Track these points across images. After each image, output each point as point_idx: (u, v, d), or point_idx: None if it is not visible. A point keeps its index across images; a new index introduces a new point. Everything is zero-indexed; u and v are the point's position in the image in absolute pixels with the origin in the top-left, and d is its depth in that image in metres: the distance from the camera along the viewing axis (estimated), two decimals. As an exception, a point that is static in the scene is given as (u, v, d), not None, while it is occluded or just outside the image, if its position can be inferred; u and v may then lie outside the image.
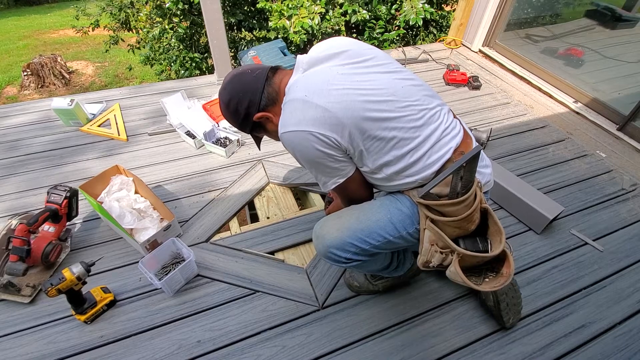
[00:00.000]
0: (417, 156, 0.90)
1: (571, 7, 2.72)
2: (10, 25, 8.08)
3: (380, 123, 0.86)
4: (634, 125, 2.05)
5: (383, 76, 0.91)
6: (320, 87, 0.86)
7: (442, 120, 0.94)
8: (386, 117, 0.87)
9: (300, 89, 0.89)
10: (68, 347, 1.18)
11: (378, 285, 1.32)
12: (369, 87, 0.88)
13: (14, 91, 5.24)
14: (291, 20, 2.85)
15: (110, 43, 3.89)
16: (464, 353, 1.21)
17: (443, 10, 3.76)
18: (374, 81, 0.89)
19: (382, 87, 0.89)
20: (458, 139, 0.94)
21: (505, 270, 0.88)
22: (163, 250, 1.35)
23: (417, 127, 0.89)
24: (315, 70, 0.93)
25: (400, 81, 0.92)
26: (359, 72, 0.90)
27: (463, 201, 0.84)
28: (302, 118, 0.85)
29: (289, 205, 1.71)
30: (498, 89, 2.59)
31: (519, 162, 1.98)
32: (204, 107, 2.10)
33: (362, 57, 0.93)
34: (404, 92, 0.90)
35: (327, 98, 0.84)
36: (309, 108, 0.85)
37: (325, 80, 0.88)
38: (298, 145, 0.88)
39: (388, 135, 0.87)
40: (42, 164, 1.86)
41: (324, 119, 0.84)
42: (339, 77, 0.88)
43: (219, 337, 1.22)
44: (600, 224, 1.65)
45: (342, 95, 0.85)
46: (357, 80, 0.88)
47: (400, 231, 0.96)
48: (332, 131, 0.85)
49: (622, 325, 1.30)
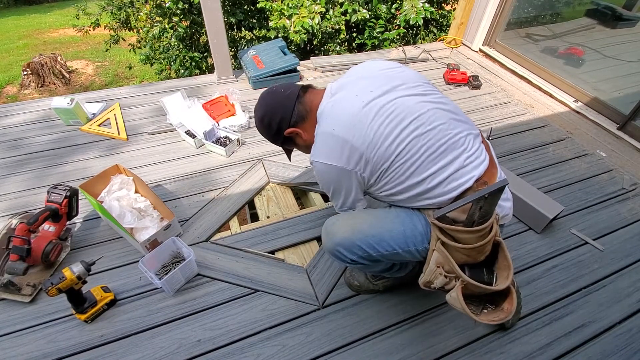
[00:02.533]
0: (437, 181, 0.91)
1: (571, 7, 2.72)
2: (10, 24, 8.08)
3: (402, 152, 0.90)
4: (634, 124, 2.05)
5: (409, 100, 0.93)
6: (347, 121, 0.92)
7: (467, 147, 0.94)
8: (409, 141, 0.89)
9: (330, 121, 0.95)
10: (68, 347, 1.19)
11: (378, 285, 1.32)
12: (393, 115, 0.90)
13: (14, 90, 5.24)
14: (291, 19, 2.84)
15: (111, 42, 3.88)
16: (464, 352, 1.21)
17: (443, 9, 3.75)
18: (399, 107, 0.91)
19: (405, 112, 0.91)
20: (482, 168, 0.93)
21: (506, 306, 0.87)
22: (163, 249, 1.35)
23: (440, 153, 0.91)
24: (341, 96, 0.97)
25: (426, 104, 0.93)
26: (383, 105, 0.92)
27: (478, 231, 0.84)
28: (330, 152, 0.93)
29: (289, 204, 1.71)
30: (498, 88, 2.59)
31: (519, 161, 1.98)
32: (204, 107, 2.10)
33: (390, 83, 0.95)
34: (428, 116, 0.92)
35: (353, 134, 0.90)
36: (336, 143, 0.92)
37: (351, 113, 0.92)
38: (325, 174, 0.97)
39: (409, 162, 0.90)
40: (42, 164, 1.86)
41: (350, 155, 0.91)
42: (364, 111, 0.91)
43: (219, 337, 1.23)
44: (601, 224, 1.65)
45: (365, 128, 0.90)
46: (380, 113, 0.91)
47: (410, 246, 0.98)
48: (358, 165, 0.92)
49: (622, 324, 1.30)
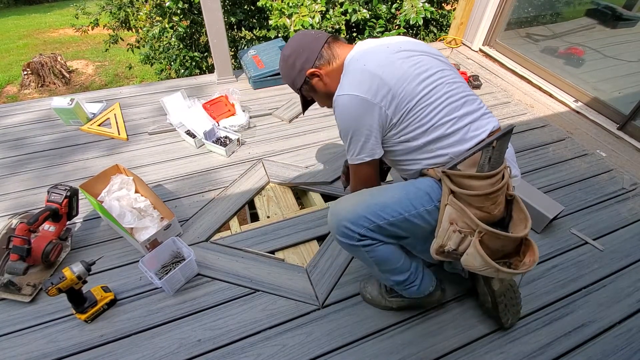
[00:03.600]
0: (455, 128, 0.95)
1: (571, 6, 2.72)
2: (10, 24, 8.08)
3: (429, 93, 0.94)
4: (635, 124, 2.05)
5: (433, 60, 1.00)
6: (378, 59, 0.96)
7: (482, 107, 1.03)
8: (434, 86, 0.95)
9: (361, 60, 0.97)
10: (68, 346, 1.19)
11: (392, 302, 1.27)
12: (421, 64, 0.97)
13: (14, 90, 5.24)
14: (291, 19, 2.84)
15: (110, 42, 3.88)
16: (464, 352, 1.21)
17: (443, 9, 3.75)
18: (424, 60, 0.99)
19: (430, 65, 0.98)
20: (494, 123, 1.00)
21: (528, 260, 0.83)
22: (163, 249, 1.35)
23: (461, 103, 0.97)
24: (373, 46, 1.01)
25: (446, 65, 1.03)
26: (410, 56, 0.98)
27: (490, 177, 0.84)
28: (358, 84, 0.93)
29: (289, 204, 1.71)
30: (498, 88, 2.59)
31: (519, 161, 1.97)
32: (204, 107, 2.09)
33: (416, 48, 1.02)
34: (449, 73, 1.01)
35: (383, 68, 0.93)
36: (366, 77, 0.93)
37: (383, 55, 0.97)
38: (348, 109, 0.94)
39: (434, 104, 0.95)
40: (42, 163, 1.86)
41: (376, 86, 0.92)
42: (395, 55, 0.97)
43: (219, 336, 1.23)
44: (601, 224, 1.65)
45: (395, 67, 0.94)
46: (409, 60, 0.97)
47: (418, 208, 0.94)
48: (383, 98, 0.92)
49: (622, 324, 1.30)
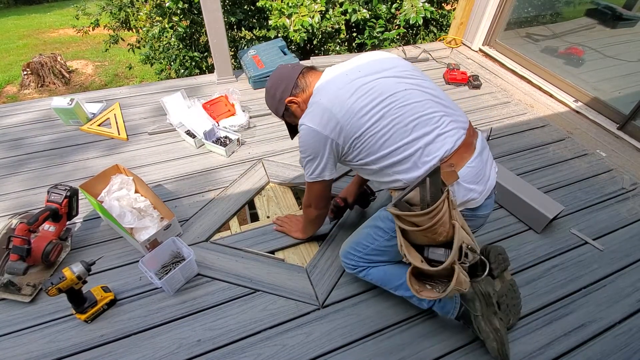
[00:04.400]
0: (408, 153, 0.98)
1: (571, 6, 2.72)
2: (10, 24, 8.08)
3: (375, 124, 0.98)
4: (635, 124, 2.05)
5: (390, 80, 1.02)
6: (331, 93, 1.03)
7: (439, 126, 0.99)
8: (382, 114, 0.98)
9: (319, 93, 1.07)
10: (68, 346, 1.19)
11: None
12: (371, 92, 1.00)
13: (14, 90, 5.24)
14: (291, 18, 2.84)
15: (110, 42, 3.88)
16: (464, 352, 1.21)
17: (443, 9, 3.75)
18: (378, 85, 1.01)
19: (382, 89, 1.00)
20: (448, 147, 0.97)
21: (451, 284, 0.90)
22: (163, 249, 1.35)
23: (411, 127, 0.98)
24: (334, 74, 1.08)
25: (405, 84, 1.01)
26: (365, 83, 1.01)
27: (427, 213, 0.90)
28: (315, 116, 1.03)
29: (289, 204, 1.71)
30: (498, 88, 2.59)
31: (519, 161, 1.98)
32: (204, 107, 2.09)
33: (380, 67, 1.05)
34: (404, 94, 1.00)
35: (334, 103, 1.01)
36: (321, 110, 1.03)
37: (337, 87, 1.04)
38: (307, 137, 1.06)
39: (380, 133, 0.98)
40: (42, 163, 1.86)
41: (329, 121, 1.01)
42: (348, 85, 1.02)
43: (219, 336, 1.23)
44: (601, 223, 1.65)
45: (345, 100, 1.00)
46: (361, 89, 1.00)
47: (379, 240, 1.15)
48: (334, 132, 1.02)
49: (622, 324, 1.30)
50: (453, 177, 0.96)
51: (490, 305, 1.16)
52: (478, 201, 1.02)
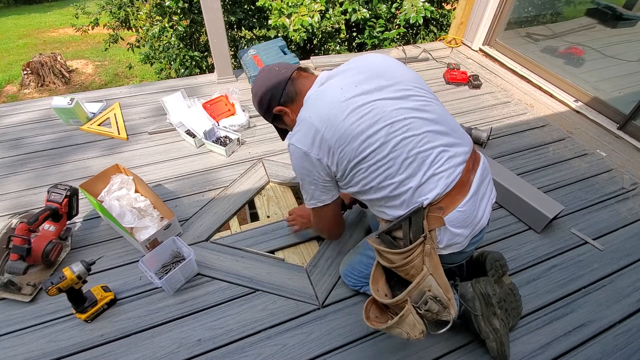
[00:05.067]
0: (399, 192, 0.92)
1: (572, 6, 2.72)
2: (10, 24, 8.08)
3: (369, 156, 0.91)
4: (635, 124, 2.05)
5: (388, 103, 0.92)
6: (323, 112, 0.94)
7: (434, 164, 0.91)
8: (377, 146, 0.90)
9: (310, 108, 0.98)
10: (69, 346, 1.19)
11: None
12: (368, 117, 0.90)
13: (14, 90, 5.24)
14: (291, 18, 2.84)
15: (110, 42, 3.88)
16: (464, 352, 1.21)
17: (443, 8, 3.75)
18: (375, 109, 0.91)
19: (380, 116, 0.90)
20: (439, 190, 0.91)
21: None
22: (163, 249, 1.35)
23: (404, 167, 0.91)
24: (328, 85, 0.99)
25: (404, 111, 0.92)
26: (362, 104, 0.91)
27: (401, 253, 0.92)
28: (304, 137, 0.95)
29: (289, 204, 1.71)
30: (498, 88, 2.59)
31: (519, 161, 1.98)
32: (204, 106, 2.09)
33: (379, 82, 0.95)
34: (401, 125, 0.91)
35: (326, 125, 0.92)
36: (310, 130, 0.94)
37: (330, 105, 0.93)
38: (297, 159, 0.99)
39: (373, 166, 0.92)
40: (42, 163, 1.86)
41: (319, 143, 0.94)
42: (342, 105, 0.92)
43: (219, 336, 1.23)
44: (600, 223, 1.65)
45: (338, 125, 0.91)
46: (358, 110, 0.91)
47: (369, 266, 1.14)
48: (325, 155, 0.95)
49: (621, 324, 1.30)
50: (438, 222, 0.92)
51: (490, 305, 1.16)
52: (462, 245, 0.98)
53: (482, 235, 1.04)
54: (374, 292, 0.97)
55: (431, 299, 0.91)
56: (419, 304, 0.91)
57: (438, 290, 0.93)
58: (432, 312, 0.91)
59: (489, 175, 1.04)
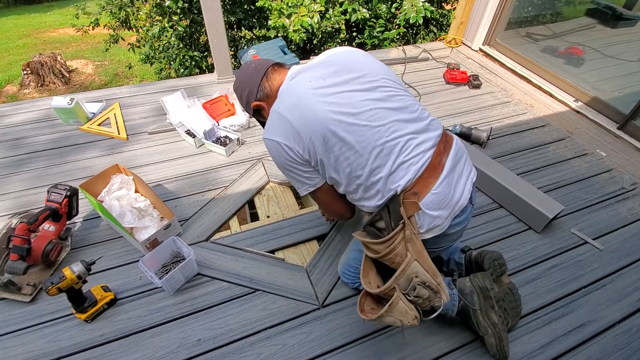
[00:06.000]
0: (370, 182, 0.95)
1: (572, 6, 2.72)
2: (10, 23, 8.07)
3: (333, 144, 0.93)
4: (635, 124, 2.05)
5: (355, 95, 0.95)
6: (291, 102, 0.98)
7: (403, 152, 0.93)
8: (341, 137, 0.92)
9: (279, 101, 1.02)
10: (69, 346, 1.19)
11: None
12: (334, 106, 0.93)
13: (14, 90, 5.24)
14: (291, 18, 2.84)
15: (110, 42, 3.88)
16: (464, 351, 1.21)
17: (443, 8, 3.75)
18: (342, 99, 0.94)
19: (346, 106, 0.93)
20: (410, 176, 0.93)
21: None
22: (163, 249, 1.35)
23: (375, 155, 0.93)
24: (298, 79, 1.02)
25: (370, 102, 0.95)
26: (330, 92, 0.95)
27: (383, 242, 0.93)
28: (274, 128, 0.99)
29: (289, 204, 1.71)
30: (498, 88, 2.59)
31: (519, 161, 1.98)
32: (204, 106, 2.09)
33: (347, 75, 0.97)
34: (368, 115, 0.93)
35: (294, 113, 0.95)
36: (279, 120, 0.98)
37: (298, 95, 0.97)
38: (272, 150, 1.02)
39: (339, 157, 0.94)
40: (42, 163, 1.86)
41: (288, 132, 0.96)
42: (310, 94, 0.95)
43: (219, 336, 1.23)
44: (600, 223, 1.65)
45: (306, 112, 0.94)
46: (325, 99, 0.94)
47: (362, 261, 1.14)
48: (295, 142, 0.96)
49: (621, 324, 1.30)
50: (414, 207, 0.93)
51: (488, 298, 1.16)
52: (443, 227, 0.98)
53: (467, 216, 1.04)
54: (365, 284, 0.99)
55: (419, 285, 0.92)
56: (407, 291, 0.92)
57: (425, 275, 0.93)
58: (423, 298, 0.92)
59: (464, 155, 1.05)
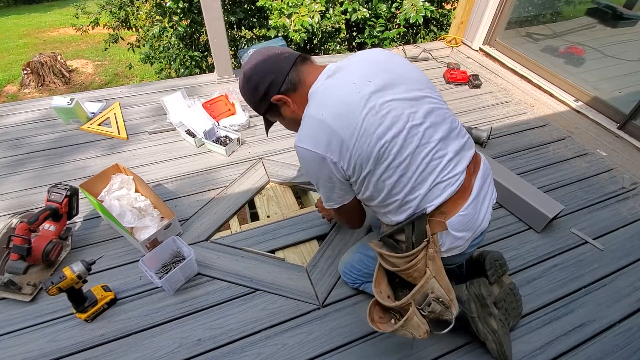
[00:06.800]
0: (407, 199, 0.91)
1: (572, 5, 2.71)
2: (10, 23, 8.08)
3: (384, 160, 0.86)
4: (635, 123, 2.05)
5: (403, 105, 0.87)
6: (337, 110, 0.86)
7: (442, 172, 0.90)
8: (390, 154, 0.86)
9: (320, 105, 0.88)
10: (69, 346, 1.19)
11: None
12: (388, 118, 0.85)
13: (14, 90, 5.24)
14: (291, 18, 2.84)
15: (110, 41, 3.89)
16: (464, 352, 1.21)
17: (443, 8, 3.75)
18: (394, 110, 0.86)
19: (398, 119, 0.85)
20: (444, 197, 0.90)
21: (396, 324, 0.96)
22: (163, 248, 1.35)
23: (418, 174, 0.88)
24: (337, 79, 0.90)
25: (421, 116, 0.88)
26: (379, 99, 0.86)
27: (405, 257, 0.93)
28: (316, 138, 0.87)
29: (289, 203, 1.71)
30: (498, 88, 2.58)
31: (519, 160, 1.98)
32: (204, 106, 2.09)
33: (391, 78, 0.89)
34: (419, 130, 0.87)
35: (342, 124, 0.84)
36: (322, 130, 0.86)
37: (344, 102, 0.86)
38: (310, 162, 0.91)
39: (383, 175, 0.88)
40: (42, 163, 1.86)
41: (334, 144, 0.85)
42: (359, 102, 0.85)
43: (220, 336, 1.23)
44: (601, 223, 1.65)
45: (355, 124, 0.84)
46: (376, 108, 0.85)
47: (370, 266, 1.18)
48: (341, 157, 0.87)
49: (621, 323, 1.30)
50: (441, 227, 0.92)
51: (485, 306, 1.16)
52: (463, 247, 0.97)
53: (483, 236, 1.04)
54: (377, 294, 0.98)
55: (434, 300, 0.92)
56: (422, 306, 0.93)
57: (440, 291, 0.93)
58: (435, 313, 0.93)
59: (489, 177, 1.04)
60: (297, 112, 0.96)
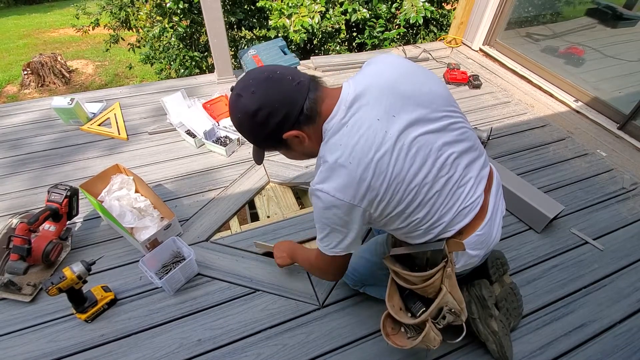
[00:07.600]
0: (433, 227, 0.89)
1: (572, 6, 2.71)
2: (10, 24, 8.08)
3: (415, 199, 0.83)
4: (635, 124, 2.05)
5: (431, 138, 0.82)
6: (365, 155, 0.77)
7: (467, 198, 0.88)
8: (421, 192, 0.82)
9: (344, 148, 0.79)
10: (69, 346, 1.19)
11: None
12: (416, 159, 0.80)
13: (14, 90, 5.24)
14: (291, 19, 2.85)
15: (111, 42, 3.89)
16: (464, 352, 1.21)
17: (443, 8, 3.75)
18: (422, 148, 0.80)
19: (427, 158, 0.81)
20: (466, 221, 0.89)
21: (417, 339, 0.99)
22: (163, 249, 1.35)
23: (445, 204, 0.87)
24: (362, 116, 0.80)
25: (448, 147, 0.84)
26: (406, 139, 0.79)
27: (420, 276, 0.94)
28: (343, 186, 0.79)
29: (289, 204, 1.71)
30: (498, 88, 2.59)
31: (519, 161, 1.98)
32: (204, 106, 2.09)
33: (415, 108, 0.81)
34: (449, 165, 0.84)
35: (372, 171, 0.77)
36: (352, 178, 0.78)
37: (372, 144, 0.78)
38: (329, 207, 0.82)
39: (417, 209, 0.85)
40: (42, 163, 1.86)
41: (364, 191, 0.79)
42: (386, 144, 0.78)
43: (220, 336, 1.23)
44: (601, 223, 1.65)
45: (387, 169, 0.78)
46: (404, 149, 0.79)
47: (373, 270, 1.20)
48: (370, 204, 0.81)
49: (622, 324, 1.30)
50: (459, 247, 0.91)
51: (486, 308, 1.16)
52: (475, 264, 1.01)
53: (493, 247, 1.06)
54: (390, 307, 1.02)
55: (448, 312, 0.96)
56: (437, 320, 0.97)
57: (454, 303, 0.97)
58: (449, 322, 0.98)
59: (500, 189, 1.04)
60: (312, 147, 0.86)
